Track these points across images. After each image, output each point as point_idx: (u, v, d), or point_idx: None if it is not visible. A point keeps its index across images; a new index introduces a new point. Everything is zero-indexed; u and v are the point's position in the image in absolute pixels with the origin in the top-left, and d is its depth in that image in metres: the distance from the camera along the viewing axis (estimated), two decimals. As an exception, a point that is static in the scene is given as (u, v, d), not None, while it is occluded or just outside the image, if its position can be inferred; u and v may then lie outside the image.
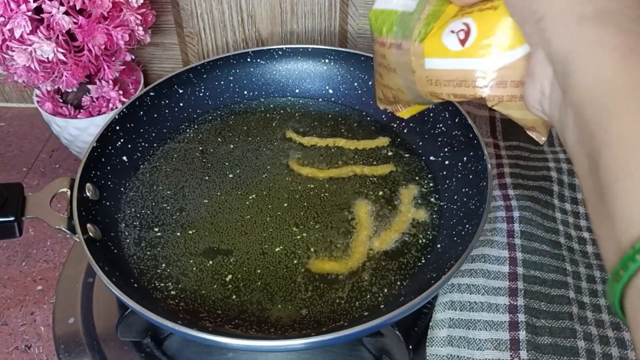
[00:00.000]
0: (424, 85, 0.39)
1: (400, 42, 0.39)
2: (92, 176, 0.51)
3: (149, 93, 0.59)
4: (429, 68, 0.38)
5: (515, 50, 0.34)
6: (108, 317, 0.50)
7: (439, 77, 0.38)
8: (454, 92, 0.37)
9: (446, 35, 0.36)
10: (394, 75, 0.42)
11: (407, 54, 0.39)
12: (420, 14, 0.39)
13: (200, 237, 0.50)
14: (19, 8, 0.52)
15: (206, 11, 0.69)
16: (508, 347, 0.43)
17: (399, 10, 0.40)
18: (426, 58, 0.38)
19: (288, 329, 0.43)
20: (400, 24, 0.40)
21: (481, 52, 0.35)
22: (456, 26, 0.36)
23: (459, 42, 0.36)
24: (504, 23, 0.34)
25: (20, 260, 0.60)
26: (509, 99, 0.35)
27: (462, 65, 0.36)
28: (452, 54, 0.36)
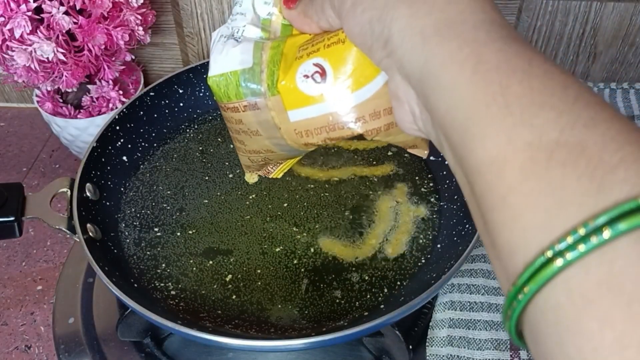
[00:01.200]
0: (295, 139, 0.36)
1: (254, 102, 0.36)
2: (92, 176, 0.51)
3: (149, 93, 0.59)
4: (295, 120, 0.35)
5: (378, 78, 0.32)
6: (108, 317, 0.50)
7: (309, 126, 0.35)
8: (329, 137, 0.34)
9: (301, 82, 0.33)
10: (259, 137, 0.38)
11: (266, 111, 0.36)
12: (260, 65, 0.35)
13: (200, 237, 0.50)
14: (19, 8, 0.52)
15: (206, 11, 0.69)
16: (508, 347, 0.43)
17: (238, 69, 0.36)
18: (289, 111, 0.35)
19: (288, 329, 0.43)
20: (246, 83, 0.36)
21: (343, 90, 0.32)
22: (308, 69, 0.33)
23: (317, 86, 0.33)
24: (357, 53, 0.32)
25: (20, 260, 0.60)
26: (386, 127, 0.33)
27: (328, 108, 0.33)
28: (314, 100, 0.33)
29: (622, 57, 0.69)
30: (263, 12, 0.37)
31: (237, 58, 0.36)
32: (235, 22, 0.38)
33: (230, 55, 0.37)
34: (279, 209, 0.52)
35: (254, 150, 0.40)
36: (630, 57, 0.68)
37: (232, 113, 0.38)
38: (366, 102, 0.33)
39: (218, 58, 0.37)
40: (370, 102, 0.33)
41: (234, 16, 0.38)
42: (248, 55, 0.36)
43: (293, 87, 0.34)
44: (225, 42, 0.37)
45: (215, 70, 0.37)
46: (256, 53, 0.36)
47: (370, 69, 0.32)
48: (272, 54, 0.35)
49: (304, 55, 0.34)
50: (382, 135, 0.34)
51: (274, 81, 0.35)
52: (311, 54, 0.33)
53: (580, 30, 0.66)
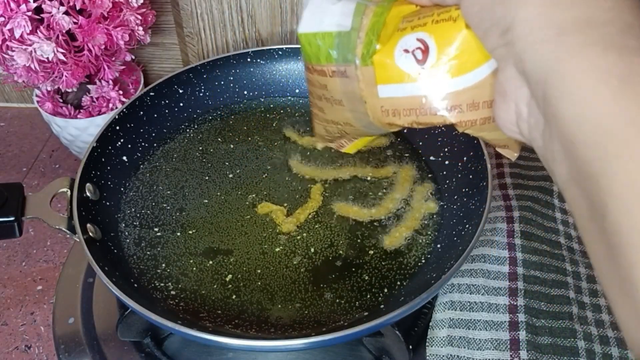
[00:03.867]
0: (380, 116, 0.33)
1: (343, 69, 0.33)
2: (92, 176, 0.51)
3: (149, 93, 0.59)
4: (384, 96, 0.32)
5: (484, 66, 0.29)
6: (108, 317, 0.50)
7: (398, 105, 0.31)
8: (417, 121, 0.31)
9: (400, 56, 0.30)
10: (341, 108, 0.35)
11: (354, 82, 0.33)
12: (359, 31, 0.32)
13: (200, 237, 0.50)
14: (19, 8, 0.52)
15: (206, 11, 0.69)
16: (508, 347, 0.43)
17: (333, 31, 0.33)
18: (379, 85, 0.32)
19: (288, 329, 0.43)
20: (339, 48, 0.33)
21: (445, 72, 0.29)
22: (410, 43, 0.30)
23: (417, 63, 0.30)
24: (468, 35, 0.28)
25: (20, 260, 0.60)
26: (482, 121, 0.30)
27: (424, 90, 0.30)
28: (411, 78, 0.30)
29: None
30: None
31: (335, 18, 0.33)
32: None
33: (328, 13, 0.33)
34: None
35: (333, 120, 0.37)
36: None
37: (317, 76, 0.35)
38: (466, 90, 0.30)
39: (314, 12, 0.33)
40: (470, 90, 0.29)
41: None
42: (347, 18, 0.32)
43: (389, 61, 0.31)
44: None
45: (309, 27, 0.34)
46: (357, 17, 0.32)
47: (478, 55, 0.28)
48: (374, 22, 0.32)
49: (408, 28, 0.30)
50: (476, 129, 0.31)
51: (369, 51, 0.31)
52: (416, 27, 0.30)
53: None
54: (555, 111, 0.22)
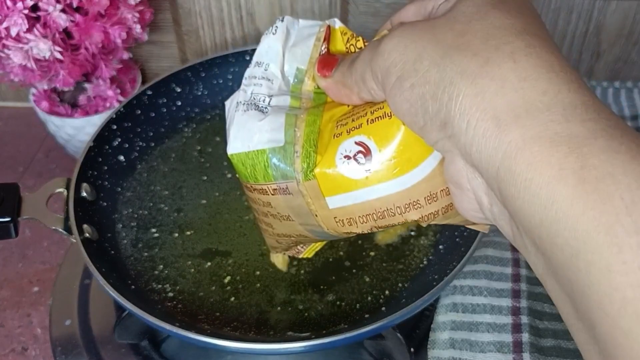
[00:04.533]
0: (335, 227, 0.31)
1: (285, 186, 0.31)
2: (89, 176, 0.50)
3: (146, 92, 0.58)
4: (335, 207, 0.30)
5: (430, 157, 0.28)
6: (105, 319, 0.49)
7: (352, 214, 0.30)
8: (377, 225, 0.30)
9: (342, 163, 0.29)
10: (290, 222, 0.33)
11: (299, 197, 0.31)
12: (294, 145, 0.30)
13: (198, 238, 0.49)
14: (15, 6, 0.51)
15: (204, 9, 0.68)
16: (511, 349, 0.43)
17: (266, 148, 0.31)
18: (327, 197, 0.30)
19: (287, 332, 0.43)
20: (275, 165, 0.31)
21: (393, 171, 0.28)
22: (349, 148, 0.28)
23: (361, 168, 0.28)
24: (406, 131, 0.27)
25: (16, 261, 0.59)
26: (445, 210, 0.29)
27: (376, 193, 0.29)
28: (359, 184, 0.29)
29: (626, 56, 0.68)
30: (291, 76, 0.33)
31: (265, 134, 0.31)
32: (257, 89, 0.33)
33: (256, 130, 0.31)
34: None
35: (284, 234, 0.35)
36: (634, 55, 0.68)
37: (258, 195, 0.33)
38: (420, 183, 0.28)
39: (240, 131, 0.32)
40: (424, 183, 0.28)
41: (254, 80, 0.33)
42: (279, 133, 0.31)
43: (332, 170, 0.29)
44: (246, 112, 0.32)
45: (239, 147, 0.32)
46: (288, 130, 0.31)
47: (422, 147, 0.27)
48: (308, 132, 0.30)
49: (344, 132, 0.29)
50: (440, 219, 0.30)
51: (310, 164, 0.30)
52: (352, 130, 0.29)
53: (584, 28, 0.66)
54: (516, 209, 0.21)
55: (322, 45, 0.33)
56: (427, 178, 0.28)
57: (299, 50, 0.34)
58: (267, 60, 0.34)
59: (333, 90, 0.30)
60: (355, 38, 0.33)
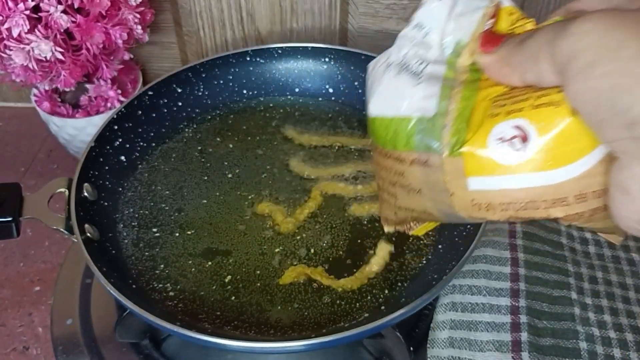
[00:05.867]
0: (470, 211, 0.30)
1: (425, 158, 0.30)
2: (90, 176, 0.51)
3: (147, 92, 0.58)
4: (476, 189, 0.29)
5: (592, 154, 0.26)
6: (106, 319, 0.50)
7: (492, 200, 0.28)
8: (515, 216, 0.28)
9: (495, 145, 0.27)
10: (418, 196, 0.32)
11: (438, 172, 0.29)
12: (445, 117, 0.29)
13: (199, 238, 0.49)
14: (16, 7, 0.52)
15: (205, 9, 0.68)
16: (510, 348, 0.43)
17: (414, 116, 0.30)
18: (470, 177, 0.28)
19: (288, 331, 0.43)
20: (421, 134, 0.29)
21: (548, 163, 0.26)
22: (506, 131, 0.27)
23: (515, 153, 0.27)
24: (574, 122, 0.25)
25: (18, 260, 0.60)
26: (591, 213, 0.27)
27: (523, 182, 0.27)
28: (507, 170, 0.27)
29: (624, 56, 0.68)
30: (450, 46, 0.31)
31: (417, 103, 0.30)
32: (412, 52, 0.31)
33: (407, 95, 0.30)
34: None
35: (407, 207, 0.33)
36: (632, 56, 0.68)
37: (393, 162, 0.32)
38: (572, 180, 0.26)
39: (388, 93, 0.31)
40: (578, 180, 0.26)
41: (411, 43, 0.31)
42: (432, 102, 0.29)
43: (482, 150, 0.28)
44: (398, 74, 0.31)
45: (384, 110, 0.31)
46: (442, 100, 0.29)
47: (585, 142, 0.25)
48: (462, 107, 0.29)
49: (502, 113, 0.27)
50: (584, 221, 0.28)
51: (459, 140, 0.28)
52: (512, 113, 0.27)
53: (582, 29, 0.66)
54: None
55: (488, 21, 0.30)
56: (582, 176, 0.26)
57: (465, 21, 0.31)
58: (429, 25, 0.31)
59: (494, 67, 0.28)
60: (525, 20, 0.31)
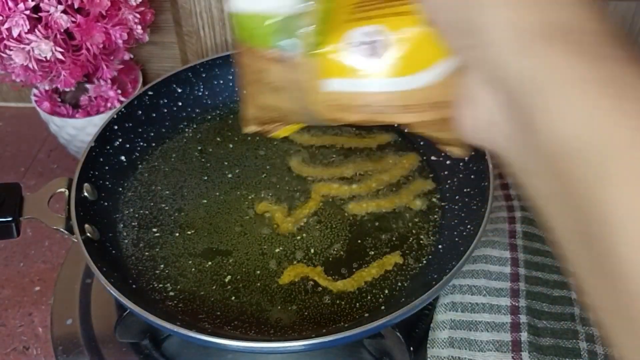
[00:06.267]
0: (325, 112, 0.30)
1: (285, 56, 0.29)
2: (90, 176, 0.51)
3: (147, 92, 0.58)
4: (330, 90, 0.29)
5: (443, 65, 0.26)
6: (106, 318, 0.50)
7: (345, 102, 0.29)
8: (366, 120, 0.29)
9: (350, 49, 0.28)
10: (278, 94, 0.31)
11: (296, 71, 0.29)
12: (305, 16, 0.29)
13: (199, 238, 0.49)
14: (17, 7, 0.51)
15: (205, 9, 0.68)
16: (510, 348, 0.43)
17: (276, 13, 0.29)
18: (325, 79, 0.29)
19: (288, 331, 0.43)
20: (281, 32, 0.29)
21: (400, 69, 0.27)
22: (362, 35, 0.27)
23: (369, 58, 0.27)
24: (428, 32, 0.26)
25: (18, 260, 0.60)
26: (441, 122, 0.28)
27: (374, 87, 0.28)
28: (360, 74, 0.28)
29: (624, 56, 0.68)
30: None
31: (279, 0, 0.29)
32: None
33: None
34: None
35: (268, 105, 0.33)
36: (632, 56, 0.68)
37: (253, 59, 0.31)
38: (421, 89, 0.27)
39: None
40: (425, 90, 0.27)
41: None
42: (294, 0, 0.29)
43: (338, 53, 0.28)
44: None
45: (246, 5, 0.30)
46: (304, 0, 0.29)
47: (437, 52, 0.26)
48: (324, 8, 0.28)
49: (360, 19, 0.28)
50: (430, 129, 0.29)
51: (317, 41, 0.28)
52: (370, 18, 0.27)
53: (582, 29, 0.66)
54: (538, 125, 0.20)
55: None
56: (432, 85, 0.27)
57: None
58: None
59: None
60: None
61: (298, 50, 0.29)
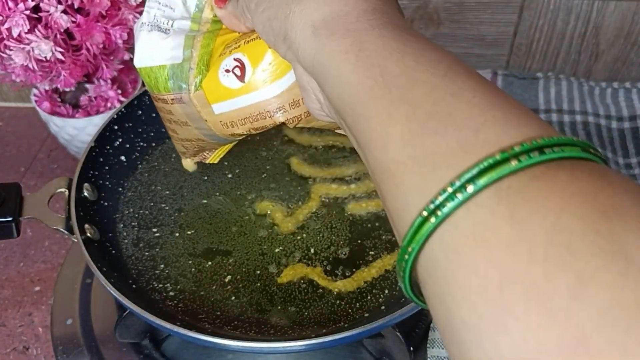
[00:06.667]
0: (222, 130, 0.38)
1: (180, 96, 0.38)
2: (90, 176, 0.51)
3: (147, 92, 0.58)
4: (220, 112, 0.37)
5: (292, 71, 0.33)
6: (106, 318, 0.50)
7: (233, 118, 0.36)
8: (253, 127, 0.36)
9: (223, 76, 0.35)
10: (188, 127, 0.40)
11: (191, 106, 0.37)
12: (190, 61, 0.37)
13: (199, 238, 0.49)
14: (17, 7, 0.52)
15: (205, 10, 0.68)
16: (510, 348, 0.43)
17: (166, 64, 0.37)
18: (212, 104, 0.37)
19: (288, 331, 0.43)
20: (173, 78, 0.37)
21: (262, 82, 0.34)
22: (229, 64, 0.35)
23: (238, 79, 0.35)
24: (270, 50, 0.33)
25: (18, 260, 0.60)
26: (307, 114, 0.35)
27: (250, 100, 0.35)
28: (236, 93, 0.35)
29: (625, 56, 0.68)
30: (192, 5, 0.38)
31: (167, 53, 0.37)
32: (160, 12, 0.38)
33: (159, 47, 0.37)
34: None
35: (186, 138, 0.41)
36: (632, 56, 0.68)
37: (162, 104, 0.39)
38: (285, 92, 0.34)
39: (146, 47, 0.38)
40: (288, 92, 0.34)
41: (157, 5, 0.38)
42: (178, 51, 0.37)
43: (215, 82, 0.36)
44: (150, 32, 0.38)
45: (145, 62, 0.38)
46: (186, 49, 0.37)
47: (283, 64, 0.34)
48: (202, 53, 0.37)
49: (227, 52, 0.35)
50: (304, 122, 0.36)
51: (201, 79, 0.36)
52: (233, 50, 0.35)
53: (583, 29, 0.66)
54: (326, 92, 0.27)
55: None
56: (290, 87, 0.34)
57: None
58: None
59: (226, 20, 0.37)
60: None
61: (187, 90, 0.37)
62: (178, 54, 0.37)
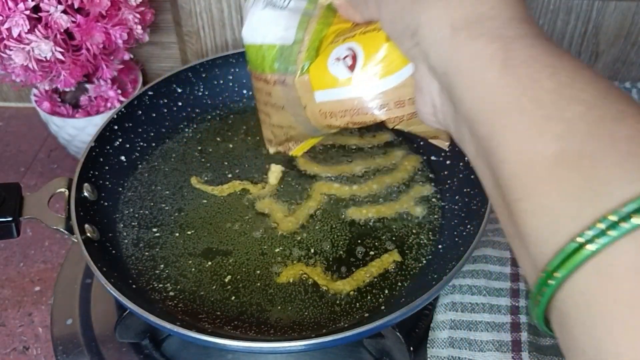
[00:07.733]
0: (319, 119, 0.37)
1: (283, 78, 0.37)
2: (90, 176, 0.51)
3: (147, 92, 0.58)
4: (321, 101, 0.36)
5: (406, 68, 0.32)
6: (106, 318, 0.50)
7: (333, 109, 0.35)
8: (352, 121, 0.35)
9: (332, 64, 0.34)
10: (284, 112, 0.39)
11: (293, 90, 0.37)
12: (300, 45, 0.36)
13: (199, 238, 0.49)
14: (17, 7, 0.52)
15: (205, 10, 0.68)
16: (510, 348, 0.43)
17: (276, 44, 0.37)
18: (315, 91, 0.36)
19: (288, 331, 0.43)
20: (281, 59, 0.37)
21: (372, 75, 0.33)
22: (341, 52, 0.34)
23: (347, 69, 0.34)
24: (390, 42, 0.32)
25: (18, 260, 0.60)
26: (409, 117, 0.34)
27: (354, 92, 0.34)
28: (342, 83, 0.34)
29: (625, 56, 0.68)
30: None
31: (279, 32, 0.36)
32: None
33: (272, 25, 0.36)
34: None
35: (278, 124, 0.40)
36: (632, 56, 0.68)
37: (262, 84, 0.38)
38: (392, 89, 0.33)
39: (257, 24, 0.37)
40: (396, 90, 0.33)
41: None
42: (291, 32, 0.36)
43: (323, 69, 0.35)
44: (264, 8, 0.36)
45: (254, 38, 0.37)
46: (299, 31, 0.36)
47: (400, 58, 0.32)
48: (314, 39, 0.36)
49: (340, 40, 0.34)
50: (404, 124, 0.35)
51: (309, 64, 0.36)
52: (347, 39, 0.34)
53: (582, 29, 0.66)
54: (457, 97, 0.26)
55: None
56: (399, 86, 0.33)
57: None
58: None
59: (343, 8, 0.36)
60: None
61: (294, 72, 0.36)
62: (290, 35, 0.36)
